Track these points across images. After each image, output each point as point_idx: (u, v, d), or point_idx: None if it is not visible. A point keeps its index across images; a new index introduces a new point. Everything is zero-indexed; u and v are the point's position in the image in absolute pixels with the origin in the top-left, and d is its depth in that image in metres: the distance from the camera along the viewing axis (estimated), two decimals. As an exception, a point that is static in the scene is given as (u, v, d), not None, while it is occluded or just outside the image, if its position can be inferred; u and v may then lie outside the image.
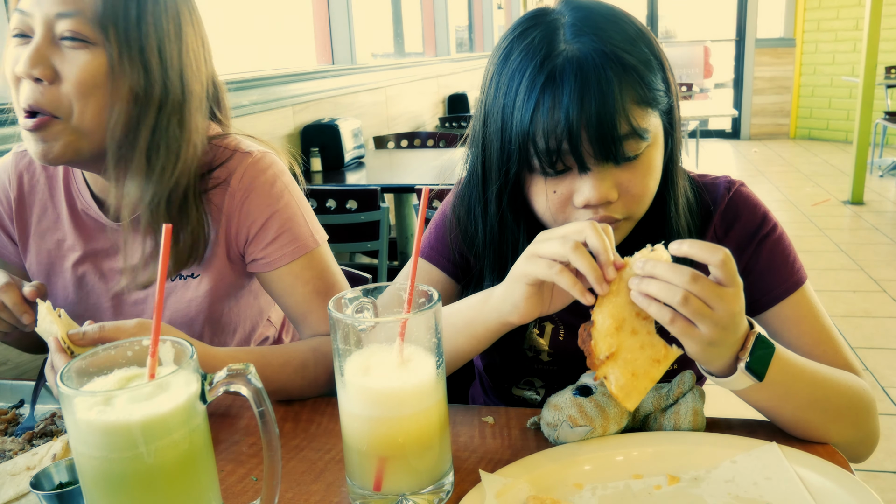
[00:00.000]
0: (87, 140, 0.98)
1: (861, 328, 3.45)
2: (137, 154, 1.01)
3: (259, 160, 1.13)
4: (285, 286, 1.14)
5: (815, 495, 0.73)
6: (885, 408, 2.69)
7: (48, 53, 0.94)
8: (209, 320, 1.19)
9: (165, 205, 1.04)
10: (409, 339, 0.74)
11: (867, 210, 5.68)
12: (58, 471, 0.78)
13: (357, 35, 4.30)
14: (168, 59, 1.00)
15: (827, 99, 8.85)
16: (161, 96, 1.00)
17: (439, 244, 1.07)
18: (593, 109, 0.82)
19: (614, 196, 0.86)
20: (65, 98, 0.95)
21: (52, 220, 1.16)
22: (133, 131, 0.99)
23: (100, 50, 0.95)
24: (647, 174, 0.88)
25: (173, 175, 1.03)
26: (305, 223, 1.14)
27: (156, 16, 0.99)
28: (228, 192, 1.11)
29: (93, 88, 0.95)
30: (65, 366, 0.64)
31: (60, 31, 0.94)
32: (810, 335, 0.96)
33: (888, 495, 2.23)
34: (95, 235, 1.15)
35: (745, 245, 0.99)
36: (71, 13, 0.93)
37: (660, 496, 0.77)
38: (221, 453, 0.92)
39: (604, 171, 0.85)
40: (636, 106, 0.84)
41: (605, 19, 0.86)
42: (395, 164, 3.62)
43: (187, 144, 1.04)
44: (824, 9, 8.66)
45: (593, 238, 0.76)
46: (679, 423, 0.87)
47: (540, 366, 1.08)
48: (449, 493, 0.80)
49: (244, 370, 0.68)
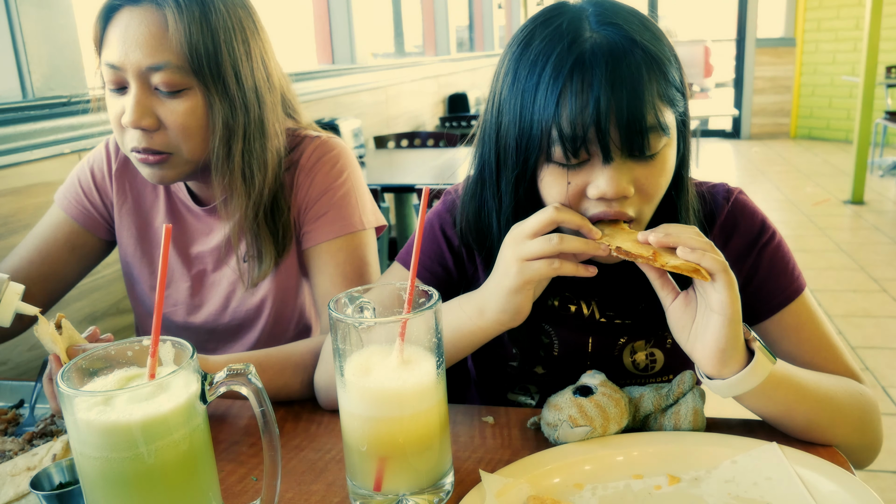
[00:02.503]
0: (195, 165, 1.09)
1: (861, 328, 3.45)
2: (236, 175, 1.10)
3: (326, 142, 1.21)
4: (320, 264, 1.18)
5: (816, 495, 0.73)
6: (885, 408, 2.69)
7: (149, 104, 1.02)
8: (276, 303, 1.23)
9: (262, 209, 1.13)
10: (410, 340, 0.74)
11: (867, 210, 5.67)
12: (58, 471, 0.78)
13: (357, 35, 4.30)
14: (244, 80, 1.07)
15: (827, 98, 8.84)
16: (245, 118, 1.08)
17: (420, 254, 1.06)
18: (624, 97, 0.79)
19: (631, 191, 0.83)
20: (172, 140, 1.04)
21: (150, 201, 1.26)
22: (231, 155, 1.08)
23: (194, 92, 1.03)
24: (661, 173, 0.85)
25: (265, 183, 1.12)
26: (357, 206, 1.19)
27: (228, 43, 1.04)
28: (298, 169, 1.19)
29: (195, 129, 1.05)
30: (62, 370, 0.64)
31: (156, 83, 1.01)
32: (810, 342, 0.95)
33: (888, 495, 2.22)
34: (186, 221, 1.24)
35: (745, 254, 0.98)
36: (161, 66, 1.00)
37: (660, 496, 0.77)
38: (221, 453, 0.92)
39: (623, 164, 0.82)
40: (660, 100, 0.82)
41: (629, 13, 0.86)
42: (396, 163, 3.62)
43: (271, 151, 1.13)
44: (825, 8, 8.65)
45: (567, 218, 0.80)
46: (679, 423, 0.87)
47: (534, 376, 1.08)
48: (449, 493, 0.80)
49: (244, 370, 0.68)
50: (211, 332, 1.26)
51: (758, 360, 0.79)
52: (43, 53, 1.75)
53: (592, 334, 1.02)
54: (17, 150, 1.66)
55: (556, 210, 0.81)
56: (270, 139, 1.12)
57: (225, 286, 1.23)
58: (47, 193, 1.74)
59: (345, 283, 1.16)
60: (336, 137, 1.24)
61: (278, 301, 1.23)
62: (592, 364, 1.03)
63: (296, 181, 1.18)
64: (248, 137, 1.08)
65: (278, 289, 1.23)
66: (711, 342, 0.78)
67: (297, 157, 1.19)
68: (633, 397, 0.90)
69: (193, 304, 1.26)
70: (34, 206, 1.71)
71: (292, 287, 1.24)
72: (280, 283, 1.23)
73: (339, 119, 3.52)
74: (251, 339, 1.26)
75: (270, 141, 1.12)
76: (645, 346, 1.02)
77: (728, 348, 0.78)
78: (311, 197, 1.18)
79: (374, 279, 1.20)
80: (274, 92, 1.13)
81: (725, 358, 0.78)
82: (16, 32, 1.71)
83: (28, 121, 1.69)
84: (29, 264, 1.22)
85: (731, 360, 0.79)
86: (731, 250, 0.99)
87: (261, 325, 1.25)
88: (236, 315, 1.24)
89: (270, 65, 1.13)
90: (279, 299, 1.23)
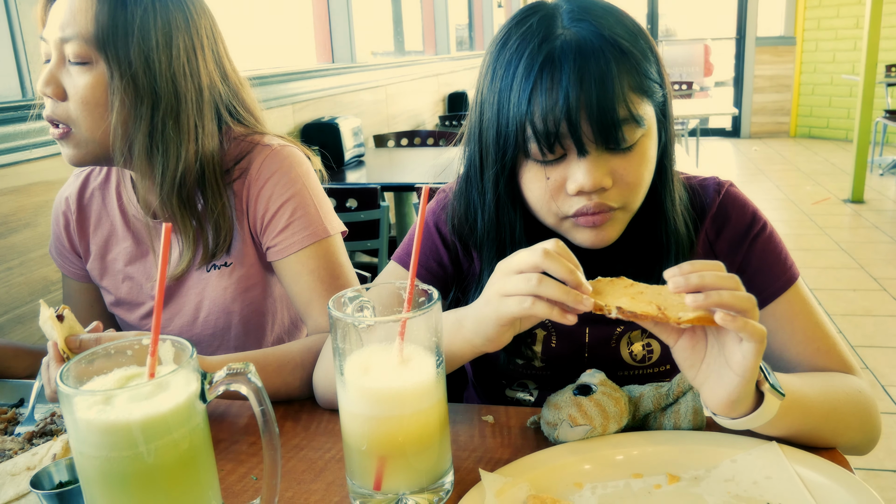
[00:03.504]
0: (100, 146, 1.09)
1: (861, 327, 3.45)
2: (137, 157, 1.10)
3: (278, 151, 1.19)
4: (293, 275, 1.17)
5: (816, 494, 0.73)
6: (885, 407, 2.69)
7: (57, 74, 1.06)
8: (246, 310, 1.23)
9: (177, 200, 1.12)
10: (409, 339, 0.74)
11: (867, 208, 5.68)
12: (58, 470, 0.78)
13: (357, 33, 4.29)
14: (157, 68, 1.07)
15: (827, 97, 8.84)
16: (152, 103, 1.08)
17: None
18: (593, 91, 0.81)
19: (608, 183, 0.85)
20: (72, 113, 1.06)
21: (106, 227, 1.28)
22: (130, 137, 1.08)
23: (99, 68, 1.05)
24: (641, 163, 0.87)
25: (176, 173, 1.10)
26: (318, 213, 1.18)
27: (143, 30, 1.06)
28: (247, 181, 1.18)
29: (93, 104, 1.06)
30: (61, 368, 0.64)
31: (68, 55, 1.05)
32: (804, 332, 0.95)
33: (888, 494, 2.23)
34: (145, 236, 1.25)
35: (737, 246, 0.99)
36: (70, 36, 1.04)
37: (660, 495, 0.77)
38: (221, 452, 0.92)
39: (599, 157, 0.84)
40: (633, 92, 0.84)
41: (603, 10, 0.87)
42: (395, 162, 3.62)
43: (187, 144, 1.11)
44: (824, 7, 8.65)
45: (552, 266, 0.73)
46: (679, 422, 0.87)
47: (532, 371, 1.08)
48: (449, 493, 0.80)
49: (244, 369, 0.68)
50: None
51: (767, 401, 0.75)
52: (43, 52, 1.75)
53: (589, 324, 1.03)
54: (16, 149, 1.67)
55: (545, 255, 0.74)
56: (188, 131, 1.10)
57: (192, 296, 1.23)
58: (47, 192, 1.74)
59: (322, 287, 1.16)
60: (289, 146, 1.21)
61: (246, 307, 1.23)
62: (590, 356, 1.04)
63: (247, 192, 1.17)
64: (155, 120, 1.08)
65: (244, 294, 1.22)
66: (723, 394, 0.74)
67: (247, 167, 1.18)
68: (632, 396, 0.90)
69: (165, 317, 1.25)
70: (34, 205, 1.71)
71: (258, 293, 1.24)
72: (244, 287, 1.22)
73: (338, 118, 3.52)
74: (228, 348, 1.26)
75: (187, 132, 1.10)
76: (641, 337, 1.03)
77: (739, 400, 0.74)
78: (269, 210, 1.17)
79: (350, 279, 1.20)
80: (199, 91, 1.12)
81: (735, 406, 0.75)
82: (15, 32, 1.71)
83: (27, 119, 1.69)
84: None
85: (740, 407, 0.75)
86: (723, 242, 1.00)
87: (233, 332, 1.24)
88: (206, 324, 1.24)
89: (199, 63, 1.12)
90: (247, 305, 1.23)
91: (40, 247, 1.72)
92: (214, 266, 1.20)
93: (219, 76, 1.17)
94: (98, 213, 1.28)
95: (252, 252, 1.21)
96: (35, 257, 1.71)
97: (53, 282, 1.76)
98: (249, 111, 1.24)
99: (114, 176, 1.27)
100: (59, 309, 0.92)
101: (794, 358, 0.95)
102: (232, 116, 1.20)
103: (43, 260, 1.73)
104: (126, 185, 1.25)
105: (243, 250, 1.20)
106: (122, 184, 1.26)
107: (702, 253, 1.00)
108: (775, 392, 0.75)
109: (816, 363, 0.94)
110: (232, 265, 1.20)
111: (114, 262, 1.27)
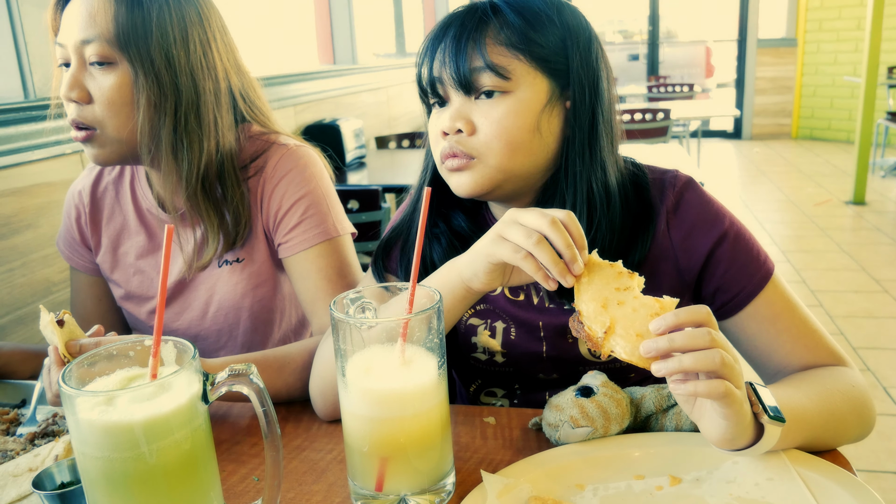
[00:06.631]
0: (126, 145, 1.10)
1: (863, 328, 3.45)
2: (164, 153, 1.12)
3: (294, 151, 1.22)
4: (301, 272, 1.19)
5: (817, 496, 0.73)
6: (885, 408, 2.68)
7: (81, 78, 1.07)
8: (255, 307, 1.24)
9: (202, 193, 1.15)
10: (411, 340, 0.74)
11: (869, 210, 5.67)
12: (60, 471, 0.78)
13: (358, 35, 4.30)
14: (177, 64, 1.09)
15: (829, 99, 8.84)
16: (175, 99, 1.09)
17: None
18: (462, 44, 0.91)
19: (463, 126, 0.92)
20: (98, 114, 1.07)
21: (119, 220, 1.29)
22: (157, 134, 1.10)
23: (122, 68, 1.07)
24: (505, 116, 0.91)
25: (200, 165, 1.13)
26: (329, 212, 1.21)
27: (160, 27, 1.07)
28: (263, 178, 1.20)
29: (120, 104, 1.07)
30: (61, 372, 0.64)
31: (88, 57, 1.06)
32: (789, 332, 0.94)
33: (889, 495, 2.22)
34: (157, 231, 1.27)
35: (702, 246, 0.97)
36: (91, 38, 1.05)
37: (661, 497, 0.77)
38: (223, 453, 0.92)
39: (462, 105, 0.93)
40: (500, 45, 0.91)
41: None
42: (397, 164, 3.62)
43: (208, 136, 1.14)
44: (826, 9, 8.65)
45: (553, 235, 0.76)
46: (681, 423, 0.87)
47: (496, 368, 1.07)
48: (450, 494, 0.80)
49: (246, 370, 0.69)
50: (194, 338, 1.27)
51: (768, 432, 0.74)
52: (44, 53, 1.76)
53: (542, 318, 1.03)
54: (18, 150, 1.67)
55: (552, 223, 0.76)
56: (208, 124, 1.13)
57: (203, 292, 1.24)
58: (49, 194, 1.75)
59: (329, 285, 1.17)
60: (305, 146, 1.25)
61: (256, 304, 1.24)
62: (548, 347, 1.03)
63: (262, 189, 1.20)
64: (179, 115, 1.10)
65: (254, 291, 1.23)
66: (717, 433, 0.74)
67: (263, 165, 1.21)
68: (634, 398, 0.90)
69: (174, 311, 1.27)
70: (36, 206, 1.71)
71: (268, 290, 1.25)
72: (254, 284, 1.23)
73: (340, 119, 3.52)
74: (235, 345, 1.27)
75: (208, 125, 1.13)
76: None
77: (735, 438, 0.74)
78: (282, 207, 1.19)
79: (357, 279, 1.21)
80: (217, 83, 1.14)
81: (733, 442, 0.75)
82: (17, 32, 1.72)
83: (29, 121, 1.70)
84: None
85: (738, 442, 0.75)
86: (687, 241, 0.97)
87: (241, 328, 1.25)
88: (216, 320, 1.25)
89: (214, 56, 1.14)
90: (256, 301, 1.24)
91: (42, 248, 1.72)
92: (226, 262, 1.22)
93: (233, 67, 1.19)
94: (111, 207, 1.30)
95: (264, 248, 1.22)
96: (37, 258, 1.71)
97: (55, 283, 1.76)
98: (262, 105, 1.26)
99: (128, 170, 1.29)
100: (60, 314, 0.93)
101: (783, 359, 0.95)
102: (247, 104, 1.23)
103: (45, 261, 1.73)
104: (140, 179, 1.27)
105: (256, 246, 1.21)
106: (136, 178, 1.28)
107: (662, 250, 0.98)
108: (775, 421, 0.74)
109: (805, 361, 0.94)
110: (244, 261, 1.22)
111: (125, 255, 1.29)
